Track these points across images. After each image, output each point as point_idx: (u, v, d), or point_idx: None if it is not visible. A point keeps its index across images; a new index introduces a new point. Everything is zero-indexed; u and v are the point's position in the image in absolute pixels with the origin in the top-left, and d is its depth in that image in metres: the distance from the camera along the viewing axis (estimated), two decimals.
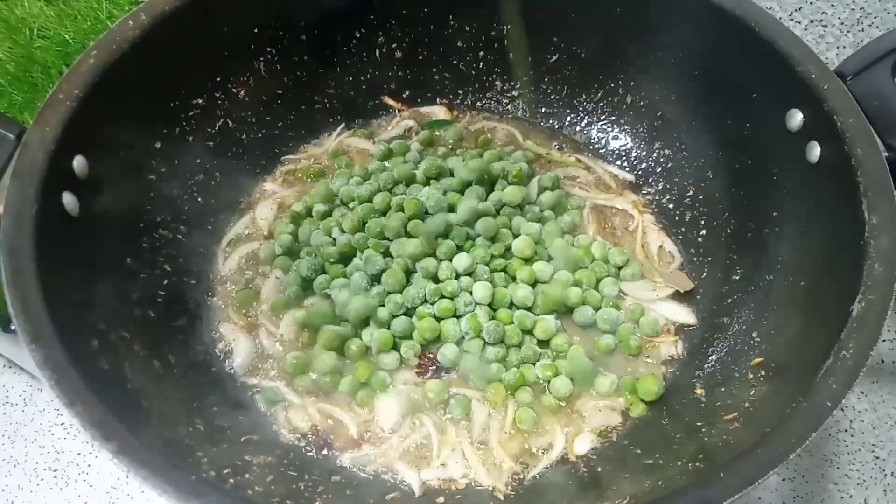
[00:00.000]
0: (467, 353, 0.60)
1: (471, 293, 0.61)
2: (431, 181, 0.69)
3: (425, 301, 0.60)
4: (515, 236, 0.64)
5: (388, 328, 0.60)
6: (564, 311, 0.63)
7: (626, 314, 0.63)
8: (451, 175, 0.69)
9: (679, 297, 0.65)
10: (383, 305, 0.60)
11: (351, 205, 0.67)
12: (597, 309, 0.62)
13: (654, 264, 0.67)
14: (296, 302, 0.63)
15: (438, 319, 0.60)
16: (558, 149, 0.74)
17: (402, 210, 0.64)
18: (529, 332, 0.61)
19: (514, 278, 0.63)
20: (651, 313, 0.63)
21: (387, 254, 0.63)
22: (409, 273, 0.62)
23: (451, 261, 0.62)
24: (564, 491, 0.52)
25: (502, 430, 0.57)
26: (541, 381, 0.59)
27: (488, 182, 0.68)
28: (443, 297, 0.61)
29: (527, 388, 0.58)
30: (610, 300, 0.63)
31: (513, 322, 0.61)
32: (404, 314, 0.60)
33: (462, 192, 0.67)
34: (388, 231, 0.63)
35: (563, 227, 0.67)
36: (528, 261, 0.64)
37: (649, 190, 0.71)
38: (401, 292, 0.61)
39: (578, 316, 0.62)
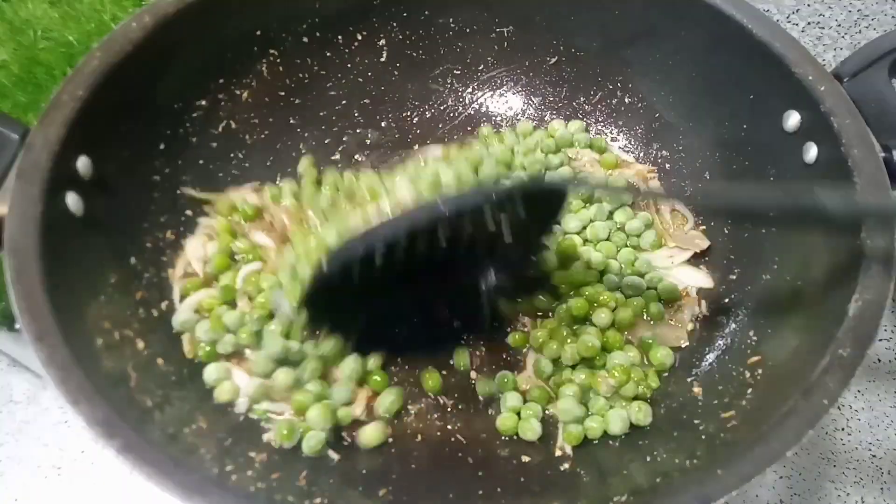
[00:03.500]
0: None
1: None
2: None
3: None
4: None
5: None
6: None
7: (645, 281, 0.63)
8: None
9: (693, 261, 0.65)
10: None
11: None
12: (618, 276, 0.63)
13: (670, 230, 0.67)
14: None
15: None
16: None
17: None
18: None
19: None
20: (669, 279, 0.63)
21: None
22: None
23: None
24: (562, 487, 0.52)
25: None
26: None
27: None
28: None
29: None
30: (630, 268, 0.63)
31: None
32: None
33: None
34: None
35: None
36: None
37: None
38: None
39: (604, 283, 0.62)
